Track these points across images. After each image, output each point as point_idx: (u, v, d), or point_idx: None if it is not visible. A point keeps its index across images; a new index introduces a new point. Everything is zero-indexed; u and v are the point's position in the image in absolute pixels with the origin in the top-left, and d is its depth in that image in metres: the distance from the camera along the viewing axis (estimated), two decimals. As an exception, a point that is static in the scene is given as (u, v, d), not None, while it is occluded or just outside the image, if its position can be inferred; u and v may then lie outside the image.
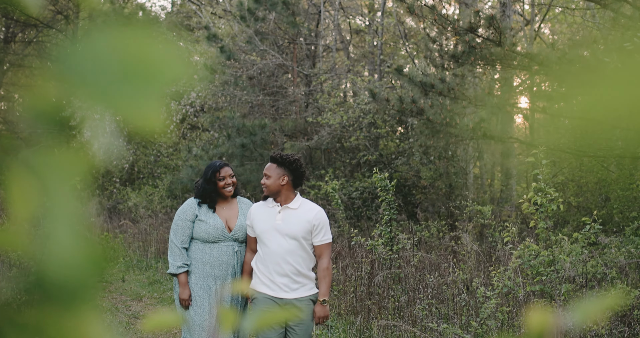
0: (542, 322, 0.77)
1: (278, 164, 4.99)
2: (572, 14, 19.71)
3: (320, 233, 4.95)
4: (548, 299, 6.69)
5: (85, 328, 0.69)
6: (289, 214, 4.97)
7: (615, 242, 8.28)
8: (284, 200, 5.01)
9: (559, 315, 4.96)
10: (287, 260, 4.91)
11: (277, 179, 4.95)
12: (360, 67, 20.88)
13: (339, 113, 15.51)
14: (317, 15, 19.12)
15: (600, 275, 7.09)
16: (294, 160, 4.98)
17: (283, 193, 4.99)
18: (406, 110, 10.77)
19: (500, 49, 9.74)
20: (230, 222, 5.36)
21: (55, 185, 0.69)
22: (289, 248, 4.91)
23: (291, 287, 4.95)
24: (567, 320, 5.81)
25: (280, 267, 4.92)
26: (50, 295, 0.67)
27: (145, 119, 0.65)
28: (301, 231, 4.90)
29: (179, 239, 5.29)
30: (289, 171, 4.98)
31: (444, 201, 14.50)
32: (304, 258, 4.96)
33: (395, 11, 18.78)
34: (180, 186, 17.25)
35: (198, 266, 5.28)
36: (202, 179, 5.37)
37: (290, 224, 4.93)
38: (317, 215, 4.95)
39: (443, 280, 8.33)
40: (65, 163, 0.69)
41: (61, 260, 0.66)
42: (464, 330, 6.90)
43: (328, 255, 5.01)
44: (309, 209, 4.99)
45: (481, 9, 9.80)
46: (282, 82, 18.69)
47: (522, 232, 11.02)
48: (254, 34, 17.13)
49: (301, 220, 4.93)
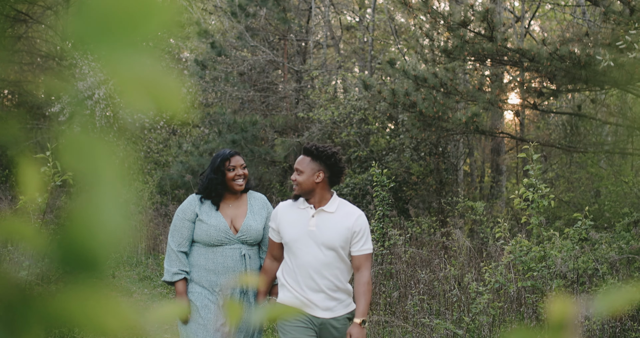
0: (563, 311, 0.75)
1: (313, 157, 4.19)
2: (563, 10, 19.75)
3: (361, 241, 4.15)
4: (539, 295, 6.70)
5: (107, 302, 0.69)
6: (325, 219, 4.18)
7: (606, 238, 8.30)
8: (318, 201, 4.21)
9: (581, 305, 4.99)
10: (323, 273, 4.15)
11: (310, 176, 4.17)
12: (351, 63, 20.88)
13: (329, 109, 15.49)
14: (308, 12, 19.09)
15: (592, 270, 7.11)
16: (332, 153, 4.20)
17: (317, 192, 4.20)
18: (398, 103, 10.78)
19: (492, 44, 9.75)
20: (236, 222, 4.54)
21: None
22: (325, 260, 4.14)
23: (327, 305, 4.18)
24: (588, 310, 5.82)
25: (314, 282, 4.16)
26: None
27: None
28: (339, 240, 4.12)
29: (176, 242, 4.51)
30: (325, 166, 4.20)
31: (435, 197, 14.52)
32: (342, 270, 4.20)
33: (386, 7, 18.76)
34: (170, 182, 17.20)
35: (201, 274, 4.48)
36: (209, 169, 4.57)
37: (327, 231, 4.14)
38: (357, 220, 4.16)
39: (434, 275, 8.34)
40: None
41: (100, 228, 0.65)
42: (455, 326, 6.90)
43: (368, 267, 4.19)
44: (349, 213, 4.20)
45: (474, 4, 9.80)
46: (272, 78, 18.67)
47: (513, 228, 11.04)
48: (245, 30, 17.10)
49: (340, 226, 4.14)
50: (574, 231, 6.90)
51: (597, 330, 6.37)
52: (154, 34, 0.63)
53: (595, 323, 6.30)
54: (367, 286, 4.13)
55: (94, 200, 0.65)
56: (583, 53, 9.23)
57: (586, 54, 9.18)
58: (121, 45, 0.61)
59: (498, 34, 9.80)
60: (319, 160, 4.17)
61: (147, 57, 0.63)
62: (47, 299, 0.68)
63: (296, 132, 17.26)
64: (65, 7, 21.55)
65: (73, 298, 0.67)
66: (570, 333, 0.76)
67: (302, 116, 16.42)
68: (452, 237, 10.71)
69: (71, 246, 0.65)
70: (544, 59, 9.59)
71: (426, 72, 10.66)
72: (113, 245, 0.66)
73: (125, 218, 0.66)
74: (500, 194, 15.79)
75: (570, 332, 0.75)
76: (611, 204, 11.67)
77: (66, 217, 0.65)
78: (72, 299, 0.67)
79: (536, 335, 0.76)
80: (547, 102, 12.90)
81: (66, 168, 0.69)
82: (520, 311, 6.92)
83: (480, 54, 10.26)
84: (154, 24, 0.63)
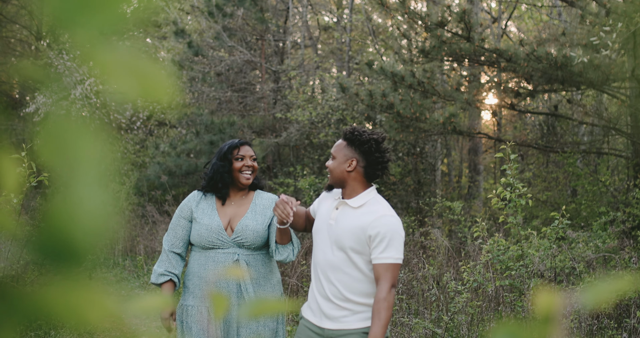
0: (549, 305, 0.74)
1: (349, 142, 3.59)
2: (539, 11, 19.89)
3: (379, 247, 3.40)
4: (517, 294, 6.73)
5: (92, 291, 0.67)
6: (345, 214, 3.57)
7: (583, 237, 8.36)
8: (349, 194, 3.61)
9: (567, 297, 5.00)
10: (330, 277, 3.55)
11: (342, 163, 3.58)
12: (328, 63, 20.88)
13: (307, 110, 15.48)
14: (286, 12, 19.07)
15: (569, 269, 7.15)
16: (369, 139, 3.55)
17: (349, 183, 3.59)
18: (376, 105, 10.79)
19: (470, 45, 9.79)
20: (233, 222, 3.98)
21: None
22: (334, 262, 3.53)
23: (334, 315, 3.54)
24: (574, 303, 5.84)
25: (321, 286, 3.61)
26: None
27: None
28: (350, 240, 3.47)
29: (169, 241, 4.02)
30: (360, 154, 3.57)
31: (413, 197, 14.56)
32: (354, 278, 3.50)
33: (363, 8, 18.79)
34: (147, 183, 17.09)
35: (194, 282, 3.96)
36: (215, 157, 4.04)
37: (341, 228, 3.53)
38: (376, 221, 3.43)
39: (413, 275, 8.35)
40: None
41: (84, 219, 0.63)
42: (434, 325, 6.91)
43: (389, 280, 3.38)
44: (371, 211, 3.49)
45: (451, 5, 9.84)
46: (250, 78, 18.64)
47: (491, 227, 11.09)
48: (222, 30, 17.04)
49: (354, 224, 3.48)
50: (551, 230, 6.94)
51: (575, 327, 6.40)
52: (140, 15, 0.62)
53: (573, 321, 6.34)
54: (383, 303, 3.34)
55: (77, 191, 0.63)
56: (559, 54, 9.29)
57: (562, 55, 9.24)
58: (107, 25, 0.60)
59: (475, 35, 9.85)
60: (354, 146, 3.57)
61: (132, 41, 0.62)
62: (27, 290, 0.66)
63: (274, 132, 17.23)
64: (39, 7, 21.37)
65: (54, 289, 0.66)
66: (557, 326, 0.75)
67: (280, 117, 16.39)
68: (431, 237, 10.74)
69: (54, 237, 0.63)
70: (521, 60, 9.64)
71: (404, 71, 10.69)
72: (96, 236, 0.64)
73: (108, 210, 0.64)
74: (477, 194, 15.86)
75: (557, 325, 0.75)
76: (588, 203, 11.76)
77: (48, 209, 0.63)
78: (53, 290, 0.66)
79: (526, 329, 0.75)
80: (524, 103, 12.97)
81: (46, 160, 0.68)
82: (499, 310, 6.94)
83: (458, 54, 10.31)
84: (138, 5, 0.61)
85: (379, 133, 3.60)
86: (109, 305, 0.67)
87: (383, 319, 3.31)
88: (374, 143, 3.53)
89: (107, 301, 0.67)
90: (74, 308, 0.66)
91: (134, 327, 7.70)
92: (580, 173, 12.47)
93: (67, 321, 0.67)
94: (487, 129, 20.63)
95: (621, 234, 9.46)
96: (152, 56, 20.81)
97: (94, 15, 0.59)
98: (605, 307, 6.64)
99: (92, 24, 0.59)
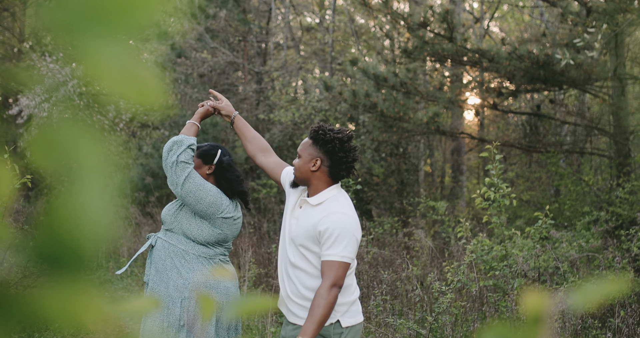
0: (538, 306, 0.72)
1: (314, 141, 3.51)
2: (521, 11, 19.96)
3: (326, 243, 3.32)
4: (501, 294, 6.73)
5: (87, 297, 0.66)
6: (305, 211, 3.53)
7: (567, 236, 8.37)
8: (311, 192, 3.55)
9: (557, 299, 4.99)
10: (289, 274, 3.52)
11: (307, 162, 3.50)
12: (311, 64, 20.85)
13: (290, 110, 15.45)
14: (268, 13, 19.03)
15: (552, 269, 7.16)
16: (333, 138, 3.45)
17: (313, 182, 3.52)
18: (359, 104, 10.77)
19: (452, 45, 9.80)
20: None
21: None
22: (290, 259, 3.51)
23: (294, 311, 3.52)
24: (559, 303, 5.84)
25: (283, 283, 3.60)
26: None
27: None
28: (302, 237, 3.44)
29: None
30: (325, 154, 3.48)
31: (397, 198, 14.56)
32: (309, 275, 3.46)
33: (346, 9, 18.78)
34: (130, 184, 17.00)
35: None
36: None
37: (299, 225, 3.50)
38: (326, 218, 3.37)
39: (397, 276, 8.33)
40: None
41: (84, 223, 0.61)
42: (419, 325, 6.90)
43: (330, 278, 3.26)
44: (326, 209, 3.42)
45: (433, 5, 9.85)
46: (233, 79, 18.59)
47: (475, 227, 11.10)
48: (205, 32, 16.99)
49: (308, 221, 3.44)
50: (534, 230, 6.94)
51: (559, 327, 6.40)
52: (145, 22, 0.60)
53: (557, 321, 6.34)
54: (319, 300, 3.22)
55: (76, 192, 0.61)
56: (541, 53, 9.31)
57: (544, 54, 9.26)
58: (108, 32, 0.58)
59: (458, 35, 9.86)
60: (318, 145, 3.49)
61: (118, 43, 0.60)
62: (24, 293, 0.64)
63: (257, 134, 17.17)
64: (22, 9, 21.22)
65: (51, 292, 0.64)
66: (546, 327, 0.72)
67: (263, 118, 16.35)
68: (415, 237, 10.74)
69: (56, 241, 0.61)
70: (503, 59, 9.66)
71: (387, 71, 10.68)
72: (96, 239, 0.63)
73: (107, 212, 0.62)
74: (461, 194, 15.89)
75: (546, 327, 0.72)
76: (571, 203, 11.79)
77: (46, 211, 0.61)
78: (49, 293, 0.64)
79: (512, 330, 0.73)
80: (506, 102, 13.01)
81: (41, 164, 0.66)
82: (483, 310, 6.93)
83: (440, 54, 10.31)
84: (144, 12, 0.59)
85: (344, 132, 3.52)
86: (107, 309, 0.66)
87: (316, 316, 3.19)
88: (337, 143, 3.44)
89: (105, 304, 0.66)
90: (71, 312, 0.65)
91: (118, 329, 7.65)
92: (563, 172, 12.51)
93: (65, 325, 0.66)
94: (470, 129, 20.67)
95: (604, 233, 9.49)
96: (137, 58, 20.73)
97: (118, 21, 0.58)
98: (590, 307, 6.65)
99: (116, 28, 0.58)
